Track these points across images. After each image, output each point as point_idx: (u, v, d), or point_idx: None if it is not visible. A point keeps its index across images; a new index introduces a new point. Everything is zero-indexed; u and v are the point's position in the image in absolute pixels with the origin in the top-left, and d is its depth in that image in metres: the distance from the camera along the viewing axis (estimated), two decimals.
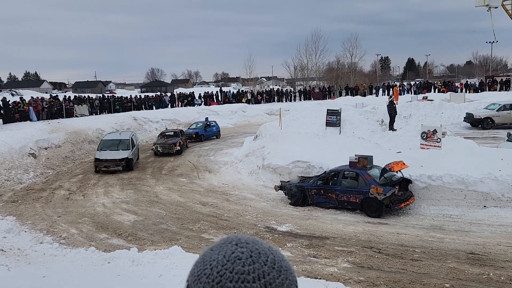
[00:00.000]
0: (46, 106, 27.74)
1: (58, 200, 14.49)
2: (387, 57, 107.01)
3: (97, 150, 18.71)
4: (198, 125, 27.09)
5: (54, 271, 7.91)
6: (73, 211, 13.18)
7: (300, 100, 43.94)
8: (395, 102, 21.91)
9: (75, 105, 30.15)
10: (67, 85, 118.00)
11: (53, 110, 27.81)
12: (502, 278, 7.68)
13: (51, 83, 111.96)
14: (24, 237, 10.72)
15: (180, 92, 45.40)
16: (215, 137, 26.92)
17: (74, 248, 9.54)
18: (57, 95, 38.65)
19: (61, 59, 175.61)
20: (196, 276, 0.87)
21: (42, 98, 30.68)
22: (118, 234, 11.00)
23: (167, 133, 23.34)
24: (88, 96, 35.97)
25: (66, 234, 11.09)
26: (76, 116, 28.77)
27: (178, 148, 21.47)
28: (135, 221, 12.00)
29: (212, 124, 27.44)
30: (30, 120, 25.40)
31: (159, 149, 21.44)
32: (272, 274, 0.86)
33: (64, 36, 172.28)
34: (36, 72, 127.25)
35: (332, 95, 45.05)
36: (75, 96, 36.86)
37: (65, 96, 35.15)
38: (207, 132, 26.51)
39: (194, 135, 25.79)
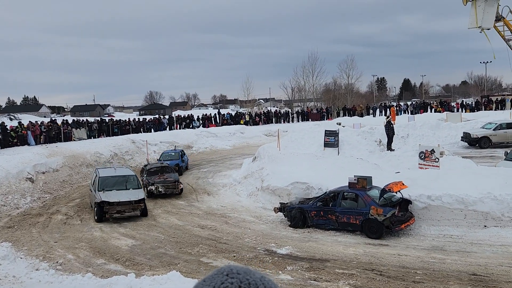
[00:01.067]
0: (45, 130, 27.75)
1: (55, 225, 14.34)
2: (383, 77, 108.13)
3: (97, 190, 14.40)
4: (172, 155, 23.48)
5: None
6: (70, 236, 13.02)
7: (298, 121, 44.15)
8: (392, 122, 22.04)
9: (73, 129, 30.17)
10: (65, 109, 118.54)
11: (51, 134, 27.81)
12: None
13: (49, 107, 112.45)
14: (19, 264, 10.55)
15: (178, 115, 45.59)
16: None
17: (71, 274, 9.39)
18: (55, 119, 38.76)
19: (60, 83, 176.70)
20: None
21: (41, 123, 30.74)
22: (116, 259, 10.84)
23: (155, 168, 18.73)
24: (87, 119, 36.07)
25: (62, 260, 10.93)
26: (74, 140, 28.74)
27: (182, 186, 17.87)
28: (133, 246, 11.85)
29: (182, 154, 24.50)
30: (28, 144, 25.36)
31: (160, 189, 17.18)
32: None
33: (63, 61, 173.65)
34: (34, 96, 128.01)
35: (329, 116, 45.31)
36: (73, 119, 36.94)
37: (63, 120, 35.23)
38: (184, 163, 23.61)
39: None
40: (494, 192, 11.41)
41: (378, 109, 46.10)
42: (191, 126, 39.56)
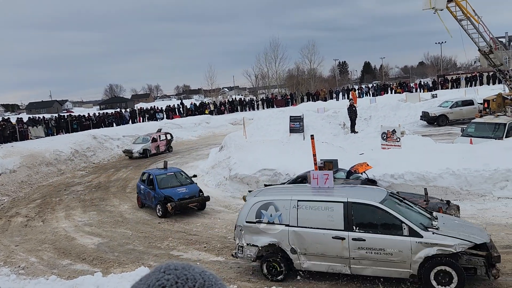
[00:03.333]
0: None
1: (15, 228, 13.74)
2: (345, 61, 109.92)
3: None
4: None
5: None
6: (32, 238, 12.51)
7: (263, 108, 44.21)
8: (354, 105, 22.44)
9: (29, 127, 28.87)
10: (20, 107, 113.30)
11: (6, 133, 26.50)
12: None
13: (2, 105, 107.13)
14: None
15: (141, 107, 44.56)
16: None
17: (34, 278, 9.02)
18: (9, 118, 36.96)
19: (13, 80, 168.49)
20: None
21: None
22: (82, 259, 10.52)
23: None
24: (43, 116, 34.61)
25: (25, 263, 10.49)
26: (31, 139, 27.55)
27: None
28: (100, 244, 11.53)
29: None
30: None
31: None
32: None
33: (14, 56, 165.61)
34: None
35: (294, 101, 45.63)
36: (29, 117, 35.41)
37: (18, 118, 33.61)
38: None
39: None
40: (453, 167, 11.88)
41: (341, 93, 46.88)
42: (154, 118, 38.79)
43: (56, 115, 38.73)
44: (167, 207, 13.14)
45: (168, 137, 27.28)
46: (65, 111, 76.49)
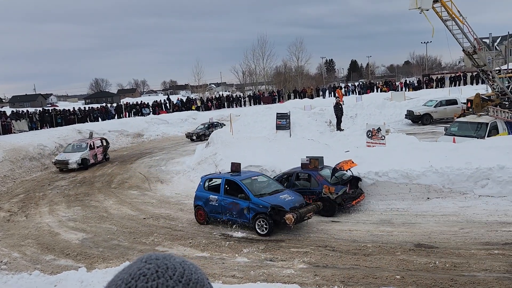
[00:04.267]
0: None
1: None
2: (332, 59, 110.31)
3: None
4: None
5: None
6: (15, 233, 12.35)
7: (250, 105, 44.22)
8: (341, 103, 22.63)
9: (12, 121, 28.41)
10: (3, 100, 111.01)
11: None
12: (447, 265, 8.10)
13: None
14: None
15: (127, 102, 44.13)
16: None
17: (17, 273, 8.92)
18: None
19: None
20: None
21: None
22: (66, 254, 10.44)
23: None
24: (27, 110, 34.07)
25: (7, 259, 10.37)
26: (15, 133, 27.12)
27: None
28: (84, 239, 11.45)
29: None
30: None
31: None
32: None
33: None
34: None
35: (281, 98, 45.73)
36: (12, 111, 34.81)
37: (0, 111, 33.00)
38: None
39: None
40: (436, 165, 12.10)
41: (327, 91, 47.13)
42: (141, 114, 38.49)
43: (40, 109, 38.13)
44: (287, 220, 10.13)
45: (104, 143, 23.29)
46: (50, 105, 75.32)
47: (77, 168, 20.76)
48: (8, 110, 36.81)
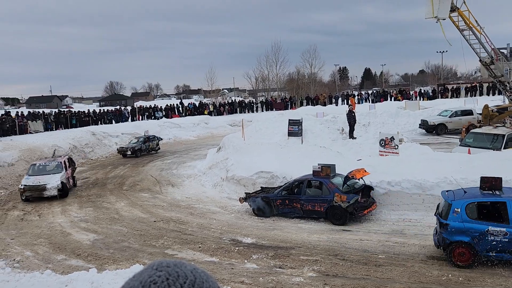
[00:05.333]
0: None
1: (11, 221, 13.73)
2: (345, 67, 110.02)
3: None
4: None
5: None
6: (28, 232, 12.51)
7: (262, 111, 44.25)
8: (353, 111, 22.51)
9: (29, 121, 28.88)
10: (20, 101, 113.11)
11: (5, 127, 26.51)
12: (460, 279, 7.95)
13: (3, 98, 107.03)
14: None
15: (140, 105, 44.55)
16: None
17: (29, 272, 9.02)
18: (9, 111, 36.92)
19: (14, 74, 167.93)
20: None
21: None
22: (77, 255, 10.52)
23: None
24: (43, 111, 34.62)
25: (20, 257, 10.49)
26: (30, 133, 27.55)
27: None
28: (95, 240, 11.54)
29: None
30: None
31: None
32: None
33: (16, 50, 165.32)
34: None
35: (293, 105, 45.70)
36: (28, 111, 35.38)
37: (17, 112, 33.59)
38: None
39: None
40: (450, 177, 11.91)
41: (340, 98, 46.95)
42: (154, 117, 38.80)
43: (56, 110, 38.73)
44: None
45: (70, 163, 18.04)
46: (65, 107, 76.42)
47: (58, 196, 15.79)
48: (25, 111, 37.41)
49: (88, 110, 37.86)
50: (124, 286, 0.89)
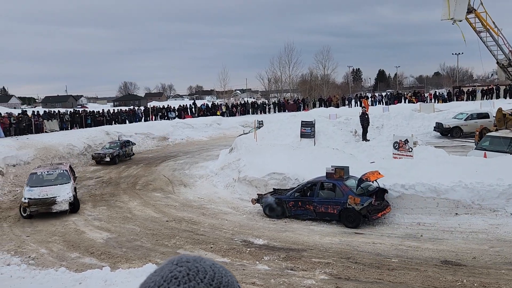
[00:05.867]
0: (14, 122, 26.88)
1: (27, 219, 13.93)
2: (359, 68, 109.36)
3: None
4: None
5: None
6: (43, 230, 12.69)
7: (275, 112, 44.19)
8: (367, 113, 22.32)
9: (44, 121, 29.33)
10: (36, 100, 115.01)
11: (22, 126, 26.97)
12: (475, 284, 7.82)
13: (19, 98, 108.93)
14: None
15: (154, 106, 44.91)
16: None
17: (44, 269, 9.15)
18: (26, 111, 37.59)
19: (30, 74, 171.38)
20: None
21: (10, 114, 29.74)
22: (91, 253, 10.64)
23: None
24: (59, 111, 35.14)
25: (35, 254, 10.66)
26: (46, 132, 27.97)
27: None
28: (108, 239, 11.65)
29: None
30: None
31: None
32: None
33: (32, 50, 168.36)
34: (3, 87, 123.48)
35: (306, 106, 45.56)
36: (44, 111, 35.94)
37: (34, 111, 34.16)
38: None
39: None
40: (465, 180, 11.74)
41: (353, 100, 46.65)
42: (166, 117, 39.07)
43: (71, 109, 39.30)
44: None
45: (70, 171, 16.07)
46: (80, 106, 77.44)
47: (68, 211, 13.97)
48: (40, 110, 38.02)
49: (103, 110, 38.31)
50: (146, 281, 0.92)
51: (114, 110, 40.44)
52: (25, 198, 13.69)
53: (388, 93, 52.93)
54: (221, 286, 0.90)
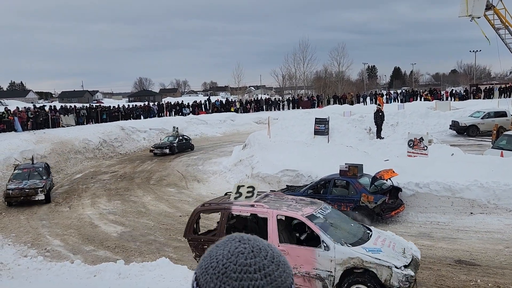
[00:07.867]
0: (32, 116, 27.39)
1: (43, 211, 14.23)
2: (374, 66, 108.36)
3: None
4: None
5: (38, 285, 7.72)
6: (59, 223, 12.94)
7: (289, 108, 44.10)
8: (382, 110, 22.12)
9: (61, 115, 29.82)
10: (53, 95, 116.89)
11: (39, 120, 27.47)
12: (489, 285, 7.71)
13: (37, 93, 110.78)
14: (7, 251, 10.48)
15: (168, 102, 45.23)
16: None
17: (59, 261, 9.34)
18: (43, 105, 38.24)
19: (47, 69, 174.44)
20: (203, 269, 0.97)
21: (28, 109, 30.31)
22: (105, 246, 10.81)
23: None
24: (75, 106, 35.66)
25: (51, 246, 10.88)
26: (63, 126, 28.44)
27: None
28: (122, 233, 11.82)
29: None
30: (15, 130, 25.04)
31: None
32: (271, 267, 0.97)
33: (50, 46, 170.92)
34: (21, 82, 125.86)
35: (320, 103, 45.34)
36: (61, 106, 36.49)
37: (51, 106, 34.74)
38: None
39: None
40: (481, 179, 11.57)
41: (368, 97, 46.26)
42: (181, 113, 39.32)
43: (87, 105, 39.83)
44: None
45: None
46: (95, 102, 78.39)
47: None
48: (57, 105, 38.64)
49: (118, 105, 38.74)
50: (212, 254, 0.99)
51: (129, 105, 40.87)
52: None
53: (404, 91, 52.31)
54: (280, 264, 0.98)
